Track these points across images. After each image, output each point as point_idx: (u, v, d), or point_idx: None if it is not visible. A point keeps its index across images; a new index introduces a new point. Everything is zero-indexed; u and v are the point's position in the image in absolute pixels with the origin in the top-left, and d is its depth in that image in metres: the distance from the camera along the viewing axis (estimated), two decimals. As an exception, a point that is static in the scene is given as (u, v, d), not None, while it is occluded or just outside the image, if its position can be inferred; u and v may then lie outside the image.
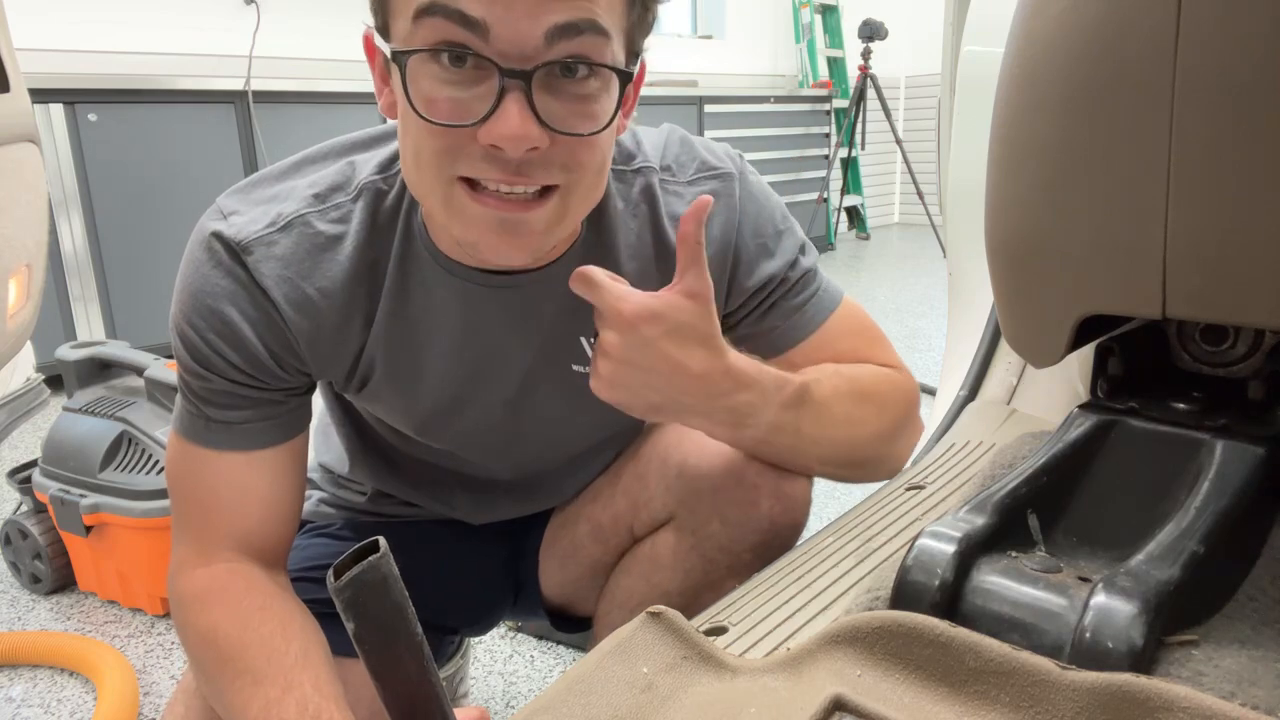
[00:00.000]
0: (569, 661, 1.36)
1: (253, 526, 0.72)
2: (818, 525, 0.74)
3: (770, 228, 0.79)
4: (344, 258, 0.69)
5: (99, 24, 3.16)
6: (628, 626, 0.52)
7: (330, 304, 0.69)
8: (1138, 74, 0.49)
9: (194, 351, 0.68)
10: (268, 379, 0.70)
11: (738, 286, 0.78)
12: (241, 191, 0.70)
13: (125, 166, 2.76)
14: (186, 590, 0.70)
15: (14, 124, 1.15)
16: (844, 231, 6.03)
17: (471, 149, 0.58)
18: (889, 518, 0.74)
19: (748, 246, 0.77)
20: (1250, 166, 0.47)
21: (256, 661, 0.64)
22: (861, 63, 5.04)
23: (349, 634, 0.46)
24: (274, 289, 0.67)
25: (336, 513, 0.95)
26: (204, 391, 0.69)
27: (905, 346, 3.07)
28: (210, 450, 0.70)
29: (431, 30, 0.55)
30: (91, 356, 1.61)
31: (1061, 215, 0.55)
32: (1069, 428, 0.63)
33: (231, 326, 0.67)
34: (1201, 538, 0.51)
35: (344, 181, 0.70)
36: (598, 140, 0.60)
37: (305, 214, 0.68)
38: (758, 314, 0.80)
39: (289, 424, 0.73)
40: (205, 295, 0.67)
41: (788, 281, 0.79)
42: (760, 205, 0.79)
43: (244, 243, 0.66)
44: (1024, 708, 0.43)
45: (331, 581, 0.45)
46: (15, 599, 1.57)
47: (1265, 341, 0.62)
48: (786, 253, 0.79)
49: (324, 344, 0.71)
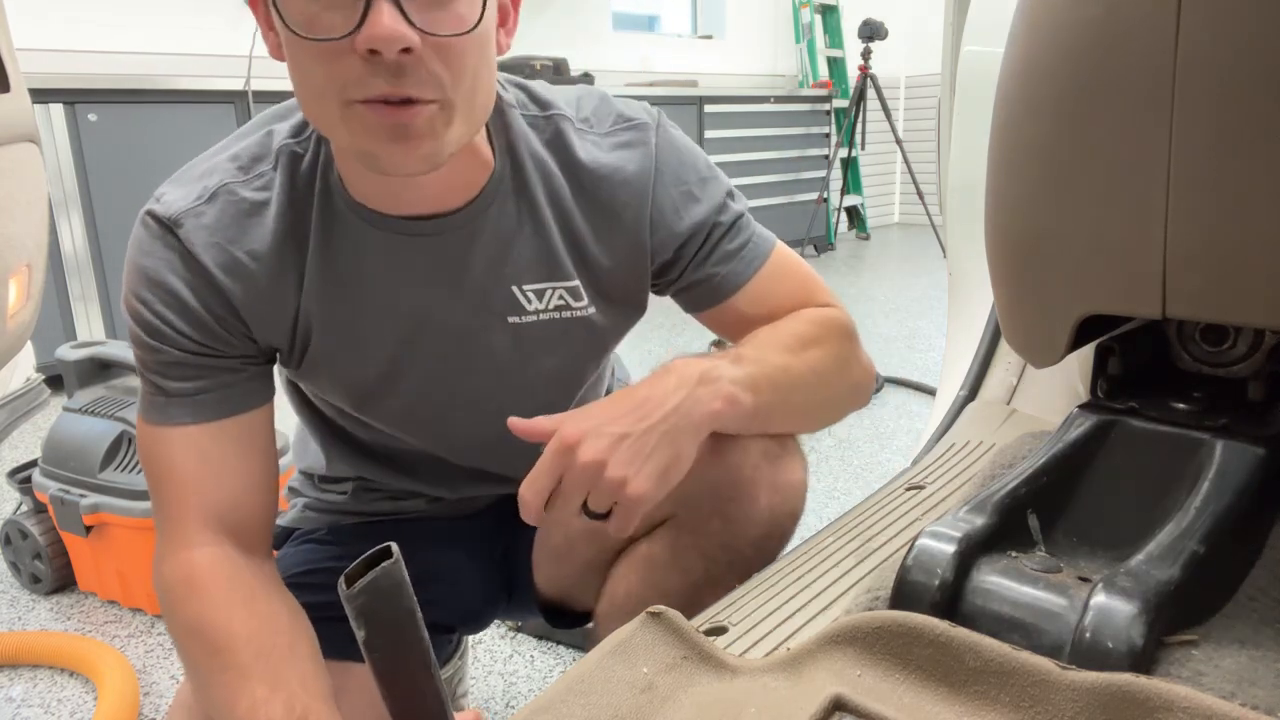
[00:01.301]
0: (569, 661, 1.36)
1: (226, 501, 0.72)
2: (818, 525, 0.74)
3: (693, 174, 0.80)
4: (270, 220, 0.72)
5: (99, 24, 3.16)
6: (628, 626, 0.52)
7: (260, 266, 0.72)
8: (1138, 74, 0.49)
9: (145, 325, 0.70)
10: (219, 345, 0.72)
11: (666, 233, 0.79)
12: (173, 178, 0.74)
13: (125, 166, 2.76)
14: (170, 577, 0.70)
15: (14, 124, 1.15)
16: (844, 231, 6.03)
17: (352, 64, 0.60)
18: (889, 518, 0.74)
19: (669, 194, 0.79)
20: (1250, 166, 0.47)
21: (243, 656, 0.64)
22: (861, 63, 5.04)
23: (359, 641, 0.46)
24: (204, 255, 0.70)
25: (320, 516, 0.95)
26: (159, 365, 0.71)
27: (905, 346, 3.07)
28: (174, 427, 0.71)
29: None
30: (91, 356, 1.61)
31: (1061, 215, 0.55)
32: (1069, 428, 0.63)
33: (175, 294, 0.70)
34: (1201, 538, 0.51)
35: (264, 151, 0.73)
36: (468, 43, 0.63)
37: (229, 184, 0.71)
38: (697, 260, 0.81)
39: (248, 393, 0.74)
40: (147, 270, 0.70)
41: (721, 225, 0.81)
42: (680, 153, 0.81)
43: (174, 216, 0.70)
44: (1024, 708, 0.43)
45: (343, 589, 0.45)
46: (15, 599, 1.57)
47: (1265, 341, 0.62)
48: (713, 197, 0.81)
49: (260, 305, 0.73)
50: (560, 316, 0.80)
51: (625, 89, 4.16)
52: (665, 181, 0.79)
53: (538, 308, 0.79)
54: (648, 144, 0.78)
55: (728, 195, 0.82)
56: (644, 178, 0.78)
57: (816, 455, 2.13)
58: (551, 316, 0.79)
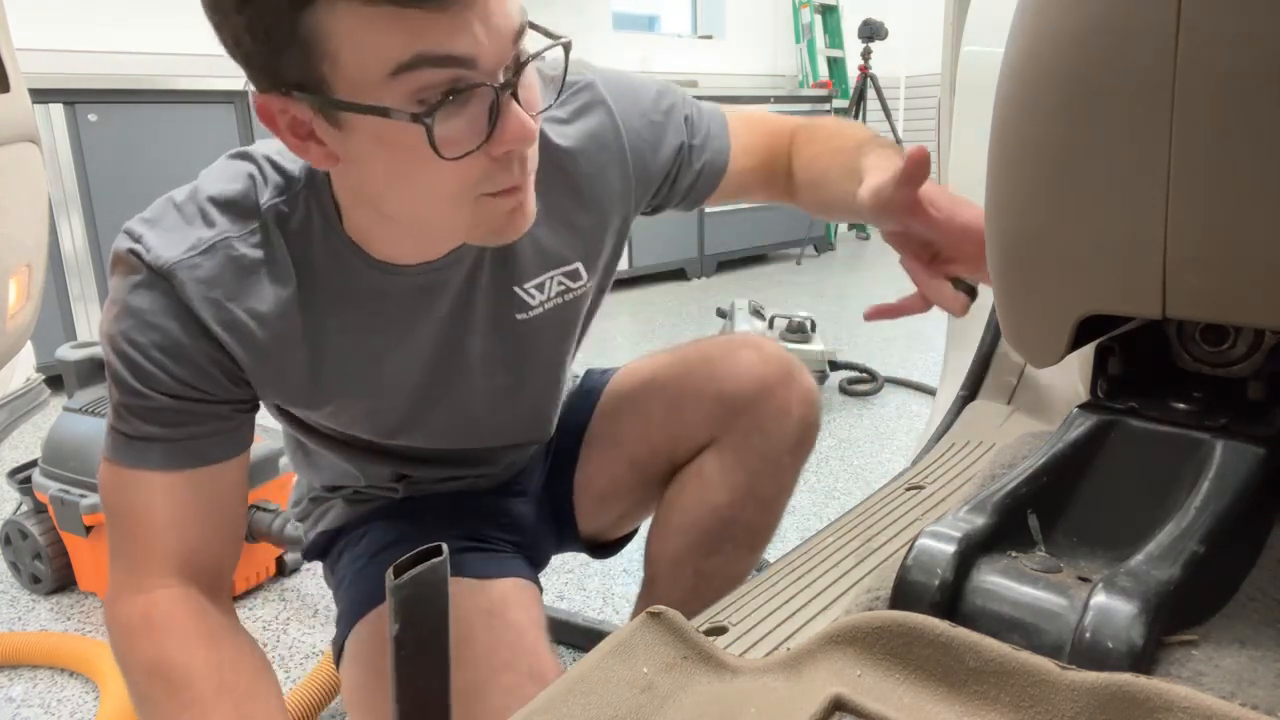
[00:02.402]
0: (569, 661, 1.36)
1: (195, 548, 0.71)
2: (818, 525, 0.74)
3: (649, 104, 0.85)
4: (268, 280, 0.70)
5: (99, 24, 3.16)
6: (628, 627, 0.52)
7: (260, 326, 0.70)
8: (1138, 74, 0.49)
9: (134, 368, 0.67)
10: (213, 389, 0.70)
11: (652, 167, 0.86)
12: (151, 220, 0.70)
13: (125, 166, 2.76)
14: (129, 617, 0.68)
15: (14, 124, 1.15)
16: (844, 231, 6.03)
17: (482, 163, 0.61)
18: (889, 518, 0.74)
19: (640, 133, 0.84)
20: (1250, 166, 0.47)
21: (205, 693, 0.63)
22: (861, 63, 5.04)
23: (390, 636, 0.46)
24: (201, 309, 0.67)
25: (369, 506, 0.96)
26: (142, 410, 0.68)
27: (905, 346, 3.07)
28: (151, 472, 0.69)
29: (420, 80, 0.56)
30: (91, 356, 1.61)
31: (1061, 215, 0.55)
32: (1069, 428, 0.63)
33: (173, 340, 0.67)
34: (1201, 538, 0.51)
35: (250, 204, 0.70)
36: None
37: (229, 238, 0.69)
38: (683, 171, 0.88)
39: (230, 442, 0.73)
40: (141, 312, 0.67)
41: (690, 130, 0.89)
42: (631, 91, 0.85)
43: (165, 267, 0.67)
44: (1024, 708, 0.43)
45: (391, 579, 0.45)
46: (15, 599, 1.57)
47: (1265, 341, 0.62)
48: (674, 115, 0.87)
49: (260, 362, 0.71)
50: (563, 300, 0.84)
51: (625, 89, 4.16)
52: (632, 126, 0.83)
53: (541, 300, 0.82)
54: (603, 100, 0.82)
55: (679, 102, 0.88)
56: (613, 131, 0.82)
57: (816, 455, 2.13)
58: (555, 304, 0.83)
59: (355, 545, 0.91)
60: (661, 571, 0.97)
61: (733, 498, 0.92)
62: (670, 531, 0.95)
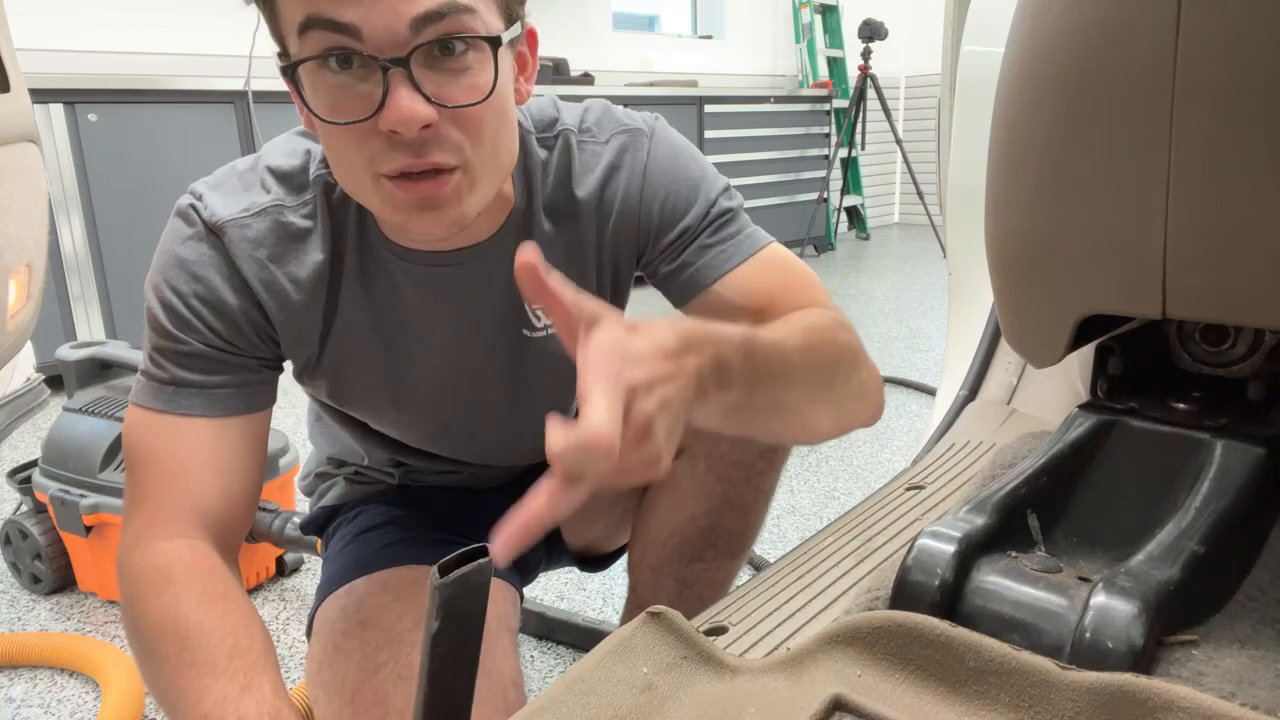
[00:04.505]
0: (569, 661, 1.36)
1: (214, 499, 0.71)
2: (818, 525, 0.74)
3: (683, 176, 0.82)
4: (312, 249, 0.74)
5: (99, 24, 3.16)
6: (628, 626, 0.52)
7: (297, 291, 0.74)
8: (1138, 74, 0.49)
9: (174, 315, 0.71)
10: (245, 346, 0.74)
11: (656, 229, 0.81)
12: (212, 183, 0.75)
13: (125, 166, 2.76)
14: (145, 565, 0.68)
15: (14, 124, 1.15)
16: (844, 231, 6.02)
17: (378, 141, 0.62)
18: (889, 518, 0.74)
19: (658, 194, 0.81)
20: (1250, 166, 0.47)
21: (216, 653, 0.63)
22: (861, 63, 5.04)
23: (428, 633, 0.46)
24: (245, 266, 0.72)
25: (369, 489, 0.98)
26: (178, 356, 0.71)
27: (905, 346, 3.07)
28: (179, 416, 0.71)
29: (315, 41, 0.60)
30: (91, 356, 1.61)
31: (1061, 215, 0.55)
32: (1069, 428, 0.63)
33: (215, 291, 0.71)
34: (1201, 538, 0.51)
35: (304, 174, 0.75)
36: (485, 109, 0.64)
37: (281, 204, 0.74)
38: (673, 251, 0.82)
39: (260, 394, 0.76)
40: (188, 262, 0.71)
41: (708, 216, 0.81)
42: (674, 155, 0.82)
43: (218, 223, 0.72)
44: (1024, 708, 0.43)
45: (436, 578, 0.45)
46: (15, 599, 1.57)
47: (1265, 341, 0.62)
48: (704, 198, 0.82)
49: (290, 325, 0.75)
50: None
51: (625, 89, 4.16)
52: (654, 183, 0.81)
53: (547, 323, 0.82)
54: (640, 148, 0.81)
55: (721, 194, 0.83)
56: (635, 178, 0.81)
57: (817, 455, 2.14)
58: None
59: (348, 524, 0.94)
60: (643, 580, 0.96)
61: (709, 506, 0.89)
62: (649, 542, 0.93)
